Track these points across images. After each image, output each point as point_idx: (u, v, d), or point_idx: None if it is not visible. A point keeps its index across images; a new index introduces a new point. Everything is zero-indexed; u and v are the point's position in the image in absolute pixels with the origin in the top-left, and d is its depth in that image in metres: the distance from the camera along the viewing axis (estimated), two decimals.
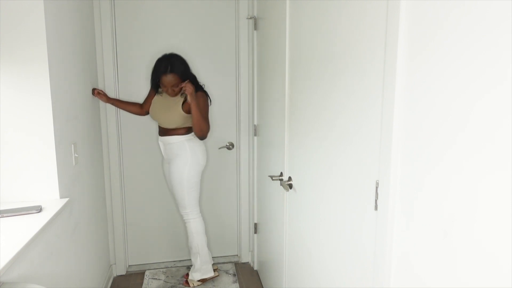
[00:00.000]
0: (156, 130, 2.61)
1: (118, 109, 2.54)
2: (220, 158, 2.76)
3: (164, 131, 2.33)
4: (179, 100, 2.25)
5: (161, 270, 2.75)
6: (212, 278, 2.57)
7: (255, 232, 2.72)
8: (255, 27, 2.44)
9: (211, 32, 2.58)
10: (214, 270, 2.65)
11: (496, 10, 0.56)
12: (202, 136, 2.21)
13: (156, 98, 2.34)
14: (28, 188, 1.61)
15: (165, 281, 2.60)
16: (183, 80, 2.16)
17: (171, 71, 2.13)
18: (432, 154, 0.72)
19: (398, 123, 0.83)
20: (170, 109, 2.25)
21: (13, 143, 1.56)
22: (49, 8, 1.56)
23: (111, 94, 2.48)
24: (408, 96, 0.79)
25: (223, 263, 2.84)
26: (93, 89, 2.29)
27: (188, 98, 2.09)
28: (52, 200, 1.62)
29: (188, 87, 2.07)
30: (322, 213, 1.31)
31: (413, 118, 0.78)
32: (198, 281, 2.48)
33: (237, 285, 2.55)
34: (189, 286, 2.49)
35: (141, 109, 2.47)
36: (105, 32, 2.40)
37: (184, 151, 2.28)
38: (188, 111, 2.24)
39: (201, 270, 2.47)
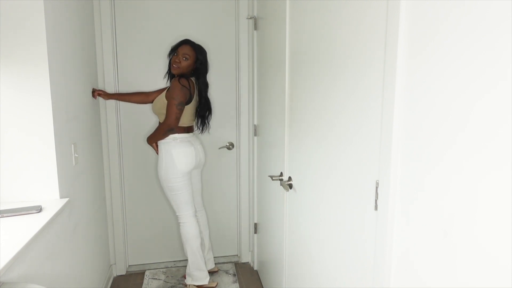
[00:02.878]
0: None
1: (118, 109, 2.55)
2: (220, 158, 2.76)
3: None
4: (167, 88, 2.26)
5: (161, 270, 2.75)
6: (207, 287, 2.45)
7: (255, 232, 2.72)
8: (255, 27, 2.44)
9: (211, 32, 2.58)
10: (213, 272, 2.64)
11: (496, 10, 0.56)
12: (165, 127, 2.19)
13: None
14: (28, 188, 1.61)
15: (165, 281, 2.60)
16: (196, 61, 2.23)
17: (190, 44, 2.23)
18: (432, 154, 0.72)
19: (398, 123, 0.83)
20: (159, 95, 2.27)
21: (13, 143, 1.56)
22: (49, 8, 1.56)
23: None
24: (408, 96, 0.79)
25: (223, 263, 2.84)
26: (93, 91, 2.29)
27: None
28: (52, 200, 1.62)
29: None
30: (322, 213, 1.31)
31: (413, 118, 0.78)
32: (193, 285, 2.44)
33: (237, 285, 2.55)
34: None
35: (147, 96, 2.44)
36: (105, 32, 2.40)
37: (160, 156, 2.27)
38: None
39: (192, 276, 2.41)
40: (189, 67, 2.24)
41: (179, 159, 2.23)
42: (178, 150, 2.24)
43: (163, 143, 2.25)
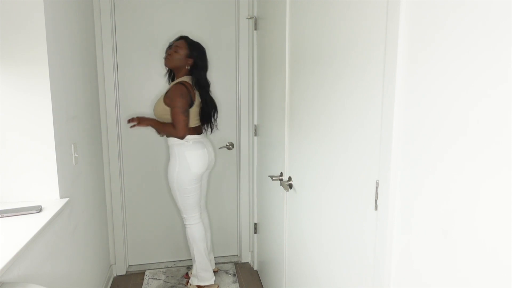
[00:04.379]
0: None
1: (118, 109, 2.55)
2: (220, 158, 2.76)
3: None
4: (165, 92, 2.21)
5: (161, 270, 2.75)
6: None
7: (255, 232, 2.72)
8: (255, 27, 2.44)
9: (211, 32, 2.58)
10: (214, 272, 2.64)
11: (496, 10, 0.56)
12: (176, 137, 2.13)
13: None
14: (28, 188, 1.61)
15: (165, 281, 2.60)
16: (190, 56, 2.20)
17: (185, 39, 2.22)
18: (432, 154, 0.72)
19: (398, 123, 0.83)
20: (158, 100, 2.23)
21: (13, 144, 1.56)
22: (49, 8, 1.56)
23: (111, 94, 2.47)
24: (408, 96, 0.79)
25: (223, 263, 2.84)
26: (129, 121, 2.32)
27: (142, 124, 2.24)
28: (52, 200, 1.62)
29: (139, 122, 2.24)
30: (322, 213, 1.31)
31: (413, 118, 0.78)
32: (197, 285, 2.44)
33: (237, 285, 2.55)
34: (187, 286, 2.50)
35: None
36: (105, 32, 2.40)
37: (173, 157, 2.21)
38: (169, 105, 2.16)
39: (198, 276, 2.40)
40: (181, 62, 2.18)
41: (193, 162, 2.18)
42: (192, 153, 2.18)
43: (176, 145, 2.19)
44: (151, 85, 2.55)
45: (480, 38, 0.59)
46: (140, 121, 2.23)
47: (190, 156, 2.18)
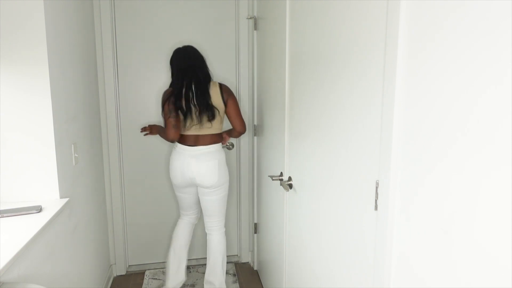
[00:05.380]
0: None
1: (118, 109, 2.55)
2: None
3: None
4: None
5: (161, 270, 2.75)
6: None
7: (255, 232, 2.72)
8: (255, 27, 2.44)
9: (211, 32, 2.58)
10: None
11: (496, 10, 0.56)
12: (167, 139, 2.15)
13: None
14: (28, 188, 1.61)
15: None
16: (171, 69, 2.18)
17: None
18: (432, 154, 0.72)
19: (398, 123, 0.83)
20: None
21: (13, 143, 1.56)
22: (49, 8, 1.56)
23: (111, 94, 2.47)
24: (408, 96, 0.79)
25: None
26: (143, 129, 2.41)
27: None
28: (52, 200, 1.62)
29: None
30: (322, 213, 1.31)
31: (413, 118, 0.78)
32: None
33: (237, 285, 2.55)
34: None
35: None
36: (105, 32, 2.40)
37: None
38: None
39: None
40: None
41: (171, 168, 2.21)
42: (171, 159, 2.21)
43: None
44: (151, 85, 2.55)
45: (480, 38, 0.59)
46: (151, 129, 2.35)
47: (170, 161, 2.23)
